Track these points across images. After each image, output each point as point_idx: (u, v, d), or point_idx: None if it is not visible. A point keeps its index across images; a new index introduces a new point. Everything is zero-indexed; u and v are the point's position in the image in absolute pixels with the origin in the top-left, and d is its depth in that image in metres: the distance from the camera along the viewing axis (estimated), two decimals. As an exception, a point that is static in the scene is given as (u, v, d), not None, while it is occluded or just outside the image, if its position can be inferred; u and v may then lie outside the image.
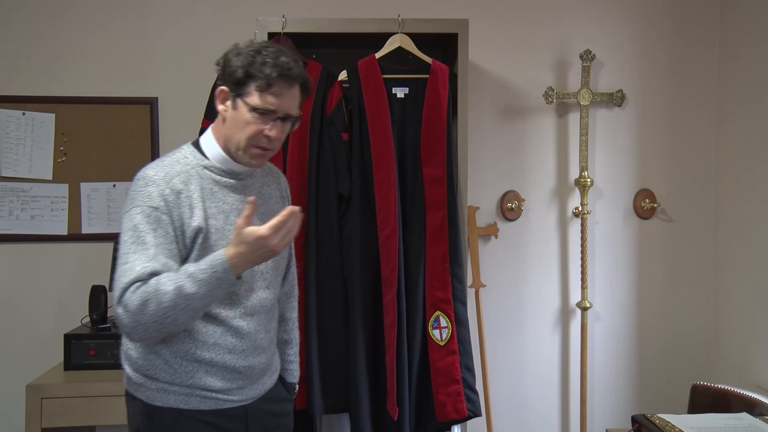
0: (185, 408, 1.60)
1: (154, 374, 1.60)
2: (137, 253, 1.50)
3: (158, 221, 1.54)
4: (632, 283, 2.90)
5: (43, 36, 2.73)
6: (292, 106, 1.61)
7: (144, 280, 1.47)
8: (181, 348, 1.59)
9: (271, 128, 1.59)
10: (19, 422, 2.54)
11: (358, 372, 2.31)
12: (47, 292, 2.75)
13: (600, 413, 2.89)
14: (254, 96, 1.57)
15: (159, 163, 1.64)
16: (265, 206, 1.72)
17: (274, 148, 1.65)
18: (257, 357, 1.67)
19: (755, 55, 2.62)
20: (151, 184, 1.57)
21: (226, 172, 1.65)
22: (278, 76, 1.55)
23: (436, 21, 2.43)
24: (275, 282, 1.74)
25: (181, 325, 1.52)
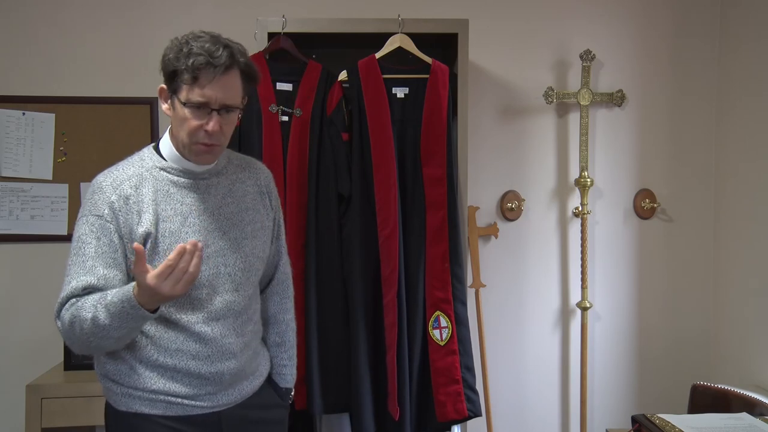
0: (150, 413, 1.56)
1: (119, 379, 1.57)
2: (76, 266, 1.50)
3: (102, 229, 1.51)
4: (632, 283, 2.90)
5: (43, 36, 2.73)
6: (229, 96, 1.50)
7: (78, 295, 1.47)
8: (144, 354, 1.55)
9: (208, 122, 1.49)
10: (19, 422, 2.54)
11: (358, 372, 2.31)
12: (47, 292, 2.73)
13: (600, 413, 2.89)
14: (184, 90, 1.48)
15: (112, 168, 1.60)
16: (236, 205, 1.65)
17: (221, 142, 1.55)
18: (225, 363, 1.59)
19: (755, 55, 2.62)
20: (97, 192, 1.55)
21: (184, 172, 1.59)
22: (203, 65, 1.45)
23: (436, 21, 2.43)
24: (246, 283, 1.64)
25: (111, 347, 1.51)
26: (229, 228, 1.63)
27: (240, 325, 1.63)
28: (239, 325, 1.63)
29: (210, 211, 1.61)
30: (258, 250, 1.68)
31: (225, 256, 1.60)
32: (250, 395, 1.69)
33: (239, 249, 1.63)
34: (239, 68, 1.52)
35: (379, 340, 2.34)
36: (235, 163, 1.72)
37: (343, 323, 2.36)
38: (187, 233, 1.56)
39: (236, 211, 1.65)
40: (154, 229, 1.53)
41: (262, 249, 1.70)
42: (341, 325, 2.36)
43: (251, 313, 1.69)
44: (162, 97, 1.57)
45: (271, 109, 2.34)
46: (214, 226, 1.60)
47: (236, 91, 1.53)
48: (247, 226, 1.66)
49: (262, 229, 1.70)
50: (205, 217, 1.60)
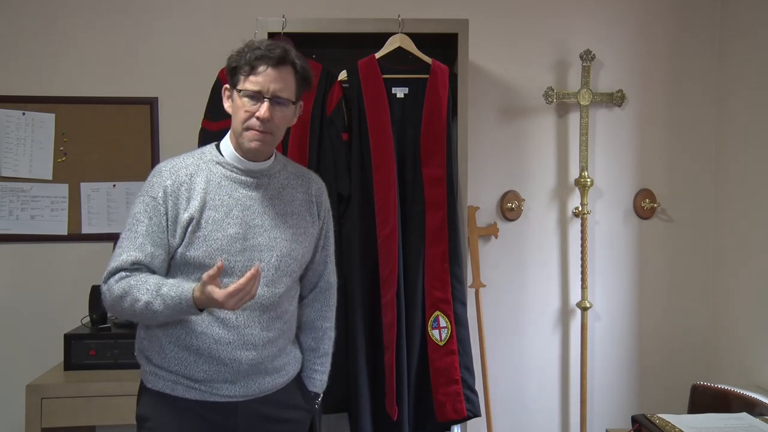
0: (172, 394, 1.66)
1: (150, 356, 1.70)
2: (128, 240, 1.64)
3: (154, 210, 1.64)
4: (632, 283, 2.90)
5: (44, 36, 2.73)
6: (281, 88, 1.63)
7: (126, 269, 1.61)
8: (175, 333, 1.65)
9: (260, 108, 1.62)
10: (19, 422, 2.54)
11: (357, 372, 2.31)
12: (47, 292, 2.75)
13: (600, 413, 2.89)
14: (242, 82, 1.64)
15: (175, 157, 1.74)
16: (283, 207, 1.73)
17: (272, 131, 1.66)
18: (245, 352, 1.66)
19: (755, 55, 2.62)
20: (156, 175, 1.69)
21: (239, 169, 1.70)
22: (259, 58, 1.61)
23: (436, 21, 2.43)
24: (278, 282, 1.70)
25: (152, 324, 1.67)
26: (271, 227, 1.70)
27: (267, 320, 1.69)
28: (265, 320, 1.69)
29: (255, 207, 1.70)
30: (297, 253, 1.73)
31: (261, 252, 1.68)
32: (271, 392, 1.74)
33: (276, 248, 1.70)
34: (293, 66, 1.66)
35: (378, 340, 2.34)
36: (290, 170, 1.82)
37: (343, 323, 2.36)
38: (229, 224, 1.65)
39: (281, 212, 1.73)
40: (198, 215, 1.64)
41: (301, 254, 1.75)
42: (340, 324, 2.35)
43: (281, 311, 1.73)
44: (225, 95, 1.71)
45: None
46: (257, 222, 1.69)
47: (288, 85, 1.65)
48: (289, 229, 1.73)
49: (304, 234, 1.76)
50: (249, 212, 1.69)
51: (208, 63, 2.56)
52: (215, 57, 2.48)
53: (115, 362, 2.42)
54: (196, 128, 2.48)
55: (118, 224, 2.74)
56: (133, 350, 2.33)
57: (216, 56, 2.47)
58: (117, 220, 2.75)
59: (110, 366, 2.42)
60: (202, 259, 1.63)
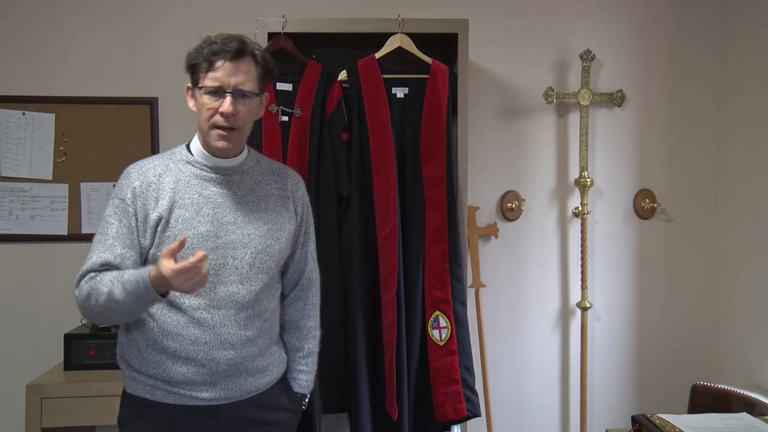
0: (151, 399, 1.64)
1: (129, 361, 1.68)
2: (99, 243, 1.63)
3: (124, 212, 1.64)
4: (632, 283, 2.90)
5: (44, 36, 2.73)
6: (241, 81, 1.60)
7: (96, 270, 1.60)
8: (151, 336, 1.63)
9: (223, 105, 1.59)
10: (19, 422, 2.54)
11: (357, 372, 2.31)
12: (47, 292, 2.75)
13: (600, 413, 2.89)
14: (202, 79, 1.61)
15: (145, 158, 1.74)
16: (257, 203, 1.71)
17: (237, 126, 1.63)
18: (222, 351, 1.62)
19: (755, 55, 2.62)
20: (124, 177, 1.69)
21: (208, 167, 1.68)
22: (216, 53, 1.59)
23: (436, 21, 2.43)
24: (254, 279, 1.67)
25: (121, 321, 1.65)
26: (244, 224, 1.68)
27: (244, 318, 1.66)
28: (242, 318, 1.66)
29: (226, 205, 1.68)
30: (272, 249, 1.71)
31: (234, 249, 1.65)
32: (254, 393, 1.70)
33: (251, 245, 1.67)
34: (253, 58, 1.63)
35: (378, 340, 2.34)
36: (264, 166, 1.79)
37: (343, 323, 2.36)
38: (199, 222, 1.64)
39: (255, 209, 1.71)
40: (167, 214, 1.62)
41: (278, 250, 1.72)
42: (340, 324, 2.36)
43: (259, 309, 1.70)
44: (188, 94, 1.69)
45: (271, 109, 2.35)
46: (229, 220, 1.67)
47: (249, 78, 1.62)
48: (263, 225, 1.71)
49: (280, 230, 1.74)
50: (221, 210, 1.67)
51: (208, 63, 2.56)
52: (215, 57, 2.49)
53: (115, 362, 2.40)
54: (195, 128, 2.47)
55: (118, 224, 2.74)
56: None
57: (216, 56, 2.48)
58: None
59: (110, 366, 2.42)
60: None
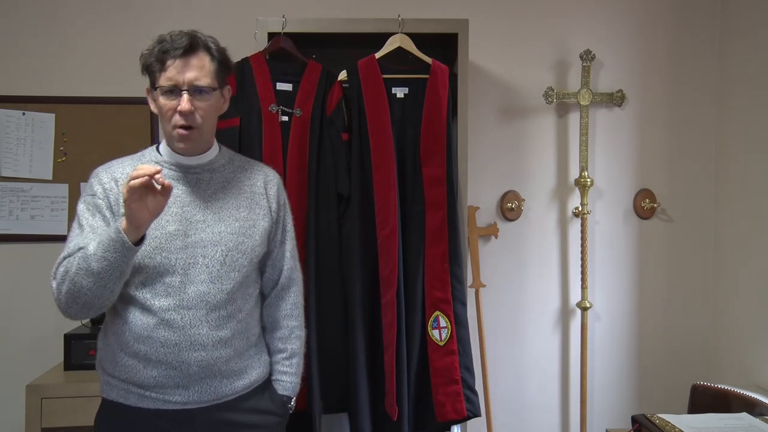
0: (125, 403, 1.62)
1: (105, 366, 1.67)
2: (75, 236, 1.61)
3: (95, 206, 1.63)
4: (632, 283, 2.90)
5: (44, 36, 2.73)
6: (195, 76, 1.58)
7: (72, 254, 1.55)
8: (123, 340, 1.61)
9: (180, 103, 1.57)
10: (19, 422, 2.54)
11: (357, 372, 2.31)
12: (47, 292, 2.72)
13: (600, 413, 2.89)
14: (157, 80, 1.60)
15: (113, 160, 1.74)
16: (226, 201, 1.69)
17: (197, 125, 1.61)
18: (192, 353, 1.59)
19: (756, 55, 2.62)
20: (94, 176, 1.69)
21: (176, 165, 1.68)
22: (165, 51, 1.57)
23: (436, 21, 2.43)
24: (225, 277, 1.63)
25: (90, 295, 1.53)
26: (214, 222, 1.66)
27: (216, 318, 1.62)
28: (214, 319, 1.62)
29: (196, 203, 1.66)
30: (245, 246, 1.68)
31: (205, 248, 1.63)
32: (231, 397, 1.67)
33: (221, 243, 1.65)
34: (207, 51, 1.61)
35: (377, 340, 2.34)
36: (236, 163, 1.77)
37: (342, 323, 2.36)
38: (167, 221, 1.62)
39: (225, 206, 1.69)
40: None
41: (251, 247, 1.69)
42: (340, 324, 2.36)
43: (233, 310, 1.66)
44: (149, 97, 1.67)
45: (271, 109, 2.34)
46: (198, 218, 1.65)
47: (204, 73, 1.60)
48: (235, 222, 1.68)
49: (253, 227, 1.71)
50: (190, 208, 1.65)
51: (208, 63, 2.56)
52: (215, 57, 2.49)
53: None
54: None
55: (118, 224, 2.74)
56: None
57: (216, 56, 2.48)
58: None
59: (110, 366, 2.42)
60: (142, 260, 1.58)
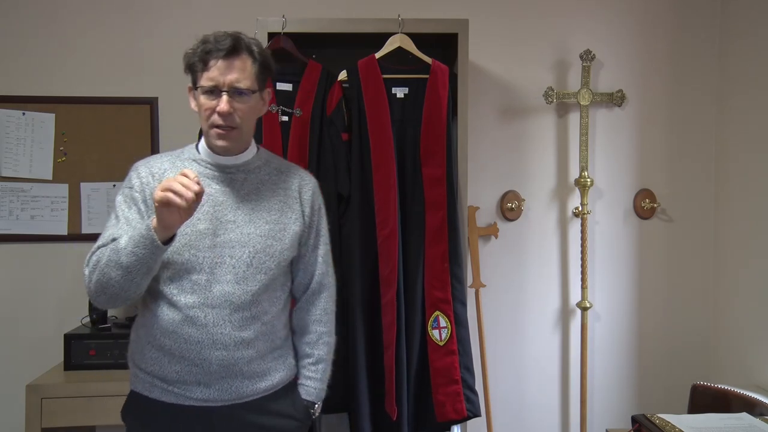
0: (150, 396, 1.65)
1: (134, 358, 1.70)
2: (110, 226, 1.65)
3: (132, 199, 1.66)
4: (632, 283, 2.90)
5: (44, 36, 2.73)
6: (236, 78, 1.59)
7: (106, 245, 1.59)
8: (152, 334, 1.64)
9: (219, 104, 1.59)
10: (19, 422, 2.54)
11: (357, 372, 2.31)
12: (47, 292, 2.75)
13: (600, 413, 2.89)
14: (199, 79, 1.62)
15: (153, 155, 1.78)
16: (258, 203, 1.69)
17: (236, 125, 1.62)
18: (214, 351, 1.60)
19: (756, 55, 2.62)
20: (133, 170, 1.72)
21: (212, 164, 1.69)
22: (208, 52, 1.59)
23: (436, 21, 2.43)
24: (251, 279, 1.64)
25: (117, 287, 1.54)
26: (244, 223, 1.66)
27: (239, 319, 1.62)
28: (237, 320, 1.62)
29: (228, 203, 1.67)
30: (273, 250, 1.67)
31: (233, 248, 1.63)
32: (253, 398, 1.67)
33: (249, 244, 1.65)
34: (250, 54, 1.62)
35: (377, 340, 2.34)
36: (273, 165, 1.77)
37: (342, 323, 2.36)
38: (198, 219, 1.62)
39: (257, 208, 1.69)
40: None
41: (279, 251, 1.68)
42: (340, 324, 2.35)
43: (258, 312, 1.66)
44: (190, 95, 1.69)
45: (271, 109, 2.34)
46: (229, 218, 1.65)
47: (245, 75, 1.61)
48: (265, 225, 1.68)
49: (283, 231, 1.70)
50: (221, 208, 1.66)
51: (208, 63, 2.56)
52: (215, 57, 2.49)
53: (115, 362, 2.42)
54: (196, 128, 2.45)
55: (118, 224, 2.74)
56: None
57: (216, 56, 2.48)
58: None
59: (110, 366, 2.42)
60: (171, 255, 1.59)
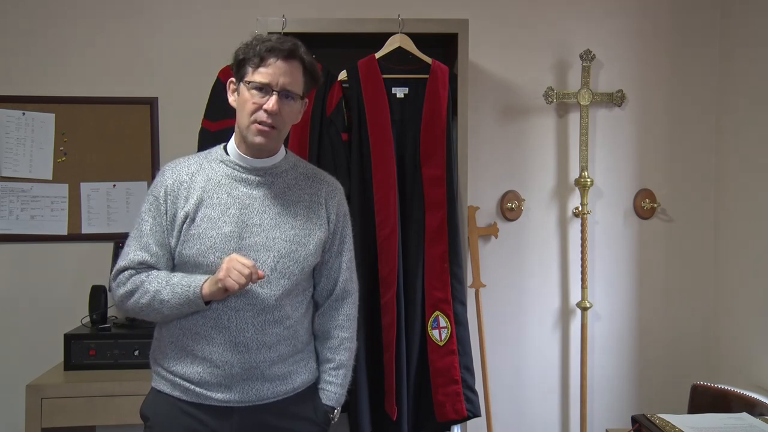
0: (171, 395, 1.67)
1: (156, 357, 1.72)
2: (135, 239, 1.68)
3: (157, 210, 1.67)
4: (632, 283, 2.90)
5: (43, 36, 2.73)
6: (290, 82, 1.62)
7: (134, 268, 1.65)
8: (174, 334, 1.67)
9: (268, 101, 1.60)
10: (19, 422, 2.54)
11: (357, 372, 2.30)
12: (47, 292, 2.75)
13: (600, 413, 2.89)
14: (250, 74, 1.62)
15: (181, 157, 1.76)
16: (286, 207, 1.69)
17: (279, 126, 1.64)
18: (236, 354, 1.62)
19: (756, 55, 2.62)
20: (160, 175, 1.71)
21: (241, 167, 1.69)
22: (269, 50, 1.60)
23: (436, 21, 2.43)
24: (275, 283, 1.65)
25: (153, 320, 1.70)
26: (271, 227, 1.67)
27: (261, 323, 1.64)
28: (260, 323, 1.64)
29: (255, 206, 1.67)
30: (298, 255, 1.67)
31: (258, 252, 1.64)
32: (273, 400, 1.68)
33: (274, 248, 1.65)
34: (302, 62, 1.65)
35: (377, 340, 2.34)
36: (300, 170, 1.77)
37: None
38: (224, 222, 1.64)
39: (283, 213, 1.69)
40: (193, 212, 1.64)
41: (303, 256, 1.69)
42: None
43: (280, 316, 1.67)
44: (230, 89, 1.70)
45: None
46: (254, 222, 1.66)
47: (297, 80, 1.64)
48: (291, 230, 1.68)
49: (308, 236, 1.70)
50: (248, 211, 1.66)
51: (208, 63, 2.56)
52: (215, 57, 2.49)
53: (115, 362, 2.42)
54: (196, 128, 2.48)
55: (118, 224, 2.74)
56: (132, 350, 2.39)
57: (216, 56, 2.48)
58: (117, 220, 2.75)
59: (110, 366, 2.42)
60: (196, 258, 1.62)
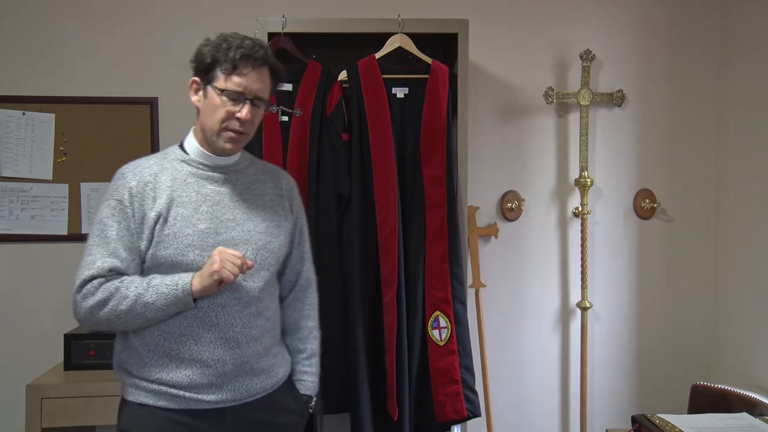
0: (155, 405, 1.61)
1: (130, 368, 1.64)
2: (100, 247, 1.59)
3: (122, 213, 1.61)
4: (632, 283, 2.90)
5: (43, 36, 2.73)
6: (261, 89, 1.63)
7: (104, 276, 1.56)
8: (152, 341, 1.61)
9: (241, 109, 1.61)
10: (19, 422, 2.54)
11: (357, 372, 2.31)
12: (47, 292, 2.75)
13: (600, 413, 2.89)
14: (221, 79, 1.61)
15: (137, 160, 1.71)
16: (254, 201, 1.72)
17: (248, 132, 1.66)
18: (228, 350, 1.61)
19: (756, 55, 2.62)
20: (119, 178, 1.66)
21: (206, 165, 1.69)
22: (242, 57, 1.59)
23: (436, 21, 2.43)
24: (256, 275, 1.66)
25: (130, 328, 1.61)
26: (244, 221, 1.68)
27: (247, 316, 1.65)
28: (246, 317, 1.65)
29: (225, 202, 1.68)
30: (273, 246, 1.71)
31: (237, 246, 1.64)
32: (260, 395, 1.69)
33: (252, 241, 1.67)
34: (270, 66, 1.66)
35: (378, 340, 2.34)
36: (258, 166, 1.81)
37: (343, 323, 2.36)
38: (198, 219, 1.63)
39: (253, 206, 1.71)
40: (165, 212, 1.61)
41: (277, 247, 1.73)
42: (341, 325, 2.36)
43: (262, 308, 1.69)
44: (193, 89, 1.67)
45: (271, 109, 2.34)
46: (228, 217, 1.66)
47: (266, 85, 1.66)
48: (262, 222, 1.71)
49: (278, 228, 1.74)
50: (219, 207, 1.66)
51: (208, 63, 2.56)
52: (215, 57, 2.49)
53: (115, 362, 2.42)
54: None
55: (118, 224, 2.74)
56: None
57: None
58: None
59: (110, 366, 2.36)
60: (174, 257, 1.59)
